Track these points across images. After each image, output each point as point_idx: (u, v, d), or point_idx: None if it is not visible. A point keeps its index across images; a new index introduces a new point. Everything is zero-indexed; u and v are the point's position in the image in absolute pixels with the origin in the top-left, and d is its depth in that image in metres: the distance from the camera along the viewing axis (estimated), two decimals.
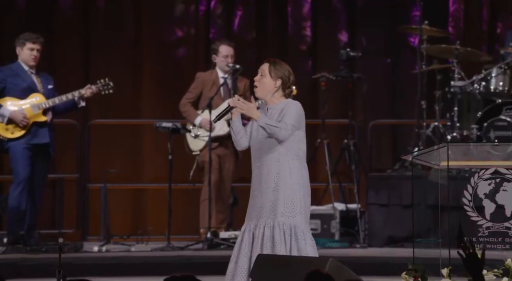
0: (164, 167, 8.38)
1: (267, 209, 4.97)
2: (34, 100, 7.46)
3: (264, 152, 5.01)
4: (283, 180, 4.95)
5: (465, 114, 8.04)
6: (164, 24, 9.44)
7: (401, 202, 7.92)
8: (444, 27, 9.04)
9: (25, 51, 7.44)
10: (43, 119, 7.46)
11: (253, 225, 5.02)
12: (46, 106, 7.46)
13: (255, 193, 5.02)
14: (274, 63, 5.11)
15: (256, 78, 5.07)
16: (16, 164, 7.37)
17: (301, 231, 4.93)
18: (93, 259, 7.32)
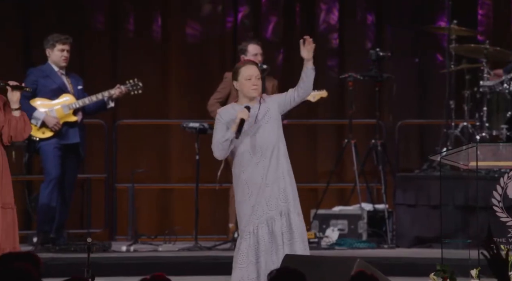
0: (191, 167, 8.40)
1: (281, 198, 5.16)
2: (65, 100, 7.52)
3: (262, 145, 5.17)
4: (287, 167, 5.23)
5: (495, 114, 7.97)
6: (192, 25, 9.46)
7: (429, 202, 7.88)
8: (473, 27, 8.98)
9: (55, 52, 7.49)
10: (73, 119, 7.52)
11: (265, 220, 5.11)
12: (76, 106, 7.51)
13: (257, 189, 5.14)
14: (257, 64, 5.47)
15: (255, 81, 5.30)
16: (47, 163, 7.43)
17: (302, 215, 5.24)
18: (121, 259, 7.36)
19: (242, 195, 5.20)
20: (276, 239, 5.11)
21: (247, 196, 5.17)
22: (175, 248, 7.86)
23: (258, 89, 5.27)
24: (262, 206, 5.15)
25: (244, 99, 5.29)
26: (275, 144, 5.21)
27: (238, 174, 5.24)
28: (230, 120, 5.24)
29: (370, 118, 8.73)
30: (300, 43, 5.33)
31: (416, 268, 6.74)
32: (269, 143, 5.20)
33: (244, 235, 5.17)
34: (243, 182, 5.20)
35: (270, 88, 8.18)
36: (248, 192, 5.17)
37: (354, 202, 8.42)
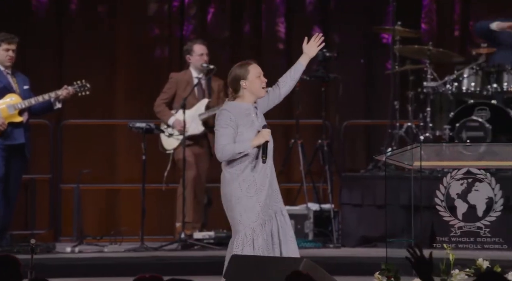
0: (138, 167, 8.35)
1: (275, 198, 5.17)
2: (10, 100, 7.41)
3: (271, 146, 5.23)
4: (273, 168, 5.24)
5: (438, 115, 8.09)
6: (138, 24, 9.40)
7: (375, 202, 7.95)
8: (417, 28, 9.09)
9: (0, 52, 7.38)
10: (18, 119, 7.41)
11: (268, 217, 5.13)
12: (22, 106, 7.41)
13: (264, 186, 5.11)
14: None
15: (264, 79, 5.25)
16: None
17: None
18: (66, 260, 7.28)
19: (247, 192, 5.11)
20: (273, 238, 5.12)
21: (253, 192, 5.10)
22: (121, 249, 7.80)
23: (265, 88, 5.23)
24: (266, 205, 5.14)
25: (251, 98, 5.21)
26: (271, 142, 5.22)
27: (245, 169, 5.12)
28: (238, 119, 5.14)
29: (317, 118, 8.78)
30: (305, 39, 5.28)
31: (361, 267, 6.79)
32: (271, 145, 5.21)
33: (257, 230, 5.08)
34: (251, 179, 5.10)
35: (216, 88, 8.18)
36: (256, 189, 5.10)
37: (300, 202, 8.45)
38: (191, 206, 7.90)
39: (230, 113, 5.14)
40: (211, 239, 7.84)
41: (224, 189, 5.13)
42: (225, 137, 5.11)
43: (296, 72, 5.28)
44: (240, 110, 5.17)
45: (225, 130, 5.12)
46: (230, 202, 5.10)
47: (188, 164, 7.85)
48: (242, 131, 5.12)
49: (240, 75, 5.24)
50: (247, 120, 5.15)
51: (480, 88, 7.98)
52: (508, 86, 7.95)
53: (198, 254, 7.54)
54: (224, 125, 5.13)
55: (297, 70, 5.28)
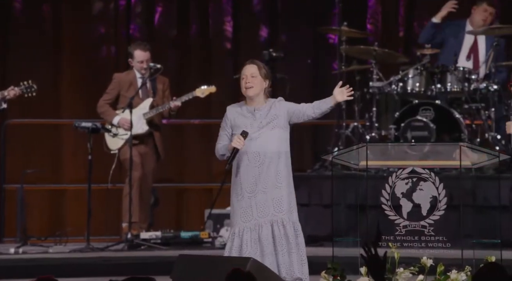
0: (83, 167, 8.27)
1: (274, 207, 5.11)
2: None
3: (264, 153, 5.14)
4: (287, 177, 5.19)
5: (383, 115, 8.17)
6: (83, 23, 9.31)
7: (321, 201, 8.00)
8: (362, 28, 9.17)
9: None
10: None
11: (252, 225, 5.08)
12: None
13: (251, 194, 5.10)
14: (262, 65, 5.32)
15: (249, 79, 5.18)
16: None
17: (298, 226, 5.21)
18: (9, 261, 7.18)
19: (235, 196, 5.15)
20: (263, 246, 5.08)
21: (239, 197, 5.12)
22: (66, 249, 7.72)
23: (253, 88, 5.16)
24: (251, 211, 5.10)
25: (247, 98, 5.19)
26: (276, 152, 5.16)
27: (235, 174, 5.17)
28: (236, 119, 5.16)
29: None
30: (339, 83, 5.26)
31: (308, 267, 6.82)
32: (269, 151, 5.15)
33: (230, 235, 5.13)
34: (238, 183, 5.14)
35: (161, 87, 8.15)
36: (241, 193, 5.11)
37: None
38: (137, 206, 7.86)
39: (227, 114, 5.24)
40: (158, 239, 7.81)
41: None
42: (219, 138, 5.22)
43: (319, 109, 5.30)
44: (241, 111, 5.21)
45: (221, 131, 5.25)
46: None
47: (134, 164, 7.80)
48: (236, 133, 5.18)
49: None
50: (245, 122, 5.18)
51: (425, 88, 8.08)
52: (452, 86, 8.07)
53: (145, 254, 7.51)
54: (221, 126, 5.26)
55: (321, 108, 5.29)
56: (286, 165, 5.21)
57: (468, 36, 8.27)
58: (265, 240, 5.08)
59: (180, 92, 8.23)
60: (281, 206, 5.12)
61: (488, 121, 7.98)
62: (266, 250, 5.08)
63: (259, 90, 5.20)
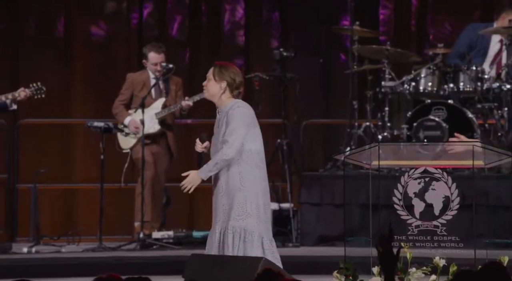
0: (96, 167, 8.29)
1: (224, 214, 5.06)
2: None
3: (212, 153, 5.13)
4: (232, 184, 5.02)
5: (396, 114, 8.16)
6: (95, 22, 9.34)
7: (333, 201, 8.00)
8: (375, 28, 9.16)
9: None
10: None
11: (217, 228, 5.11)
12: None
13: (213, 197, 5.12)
14: (219, 66, 5.19)
15: (204, 83, 5.17)
16: None
17: (250, 233, 5.00)
18: (22, 261, 7.21)
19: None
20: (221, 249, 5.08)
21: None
22: (78, 249, 7.74)
23: (205, 91, 5.14)
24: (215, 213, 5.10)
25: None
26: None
27: None
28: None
29: (276, 118, 8.80)
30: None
31: (320, 267, 6.82)
32: (214, 153, 5.10)
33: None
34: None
35: (174, 87, 8.17)
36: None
37: None
38: (149, 205, 7.88)
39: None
40: (170, 238, 7.82)
41: None
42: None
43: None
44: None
45: None
46: None
47: (146, 163, 7.82)
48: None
49: None
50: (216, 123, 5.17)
51: (437, 88, 8.07)
52: (464, 86, 8.05)
53: (157, 253, 7.52)
54: None
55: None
56: (239, 171, 5.04)
57: (494, 44, 8.24)
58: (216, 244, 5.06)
59: (191, 91, 8.25)
60: (229, 214, 5.02)
61: (501, 120, 7.95)
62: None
63: (212, 92, 5.14)
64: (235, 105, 5.11)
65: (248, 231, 5.00)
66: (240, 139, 5.04)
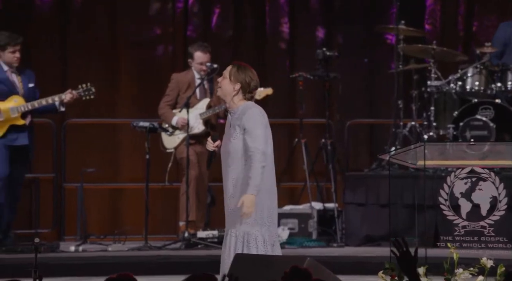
0: (141, 166, 8.35)
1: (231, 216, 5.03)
2: (14, 102, 7.41)
3: (227, 157, 5.02)
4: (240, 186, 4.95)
5: (442, 114, 8.08)
6: (141, 23, 9.41)
7: (378, 201, 7.95)
8: (420, 27, 9.08)
9: (7, 54, 7.41)
10: (21, 122, 7.43)
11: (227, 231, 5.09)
12: (24, 109, 7.41)
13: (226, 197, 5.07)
14: (237, 67, 5.11)
15: (219, 79, 5.12)
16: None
17: (253, 238, 4.96)
18: (70, 259, 7.29)
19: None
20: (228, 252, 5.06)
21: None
22: (124, 248, 7.80)
23: (219, 90, 5.08)
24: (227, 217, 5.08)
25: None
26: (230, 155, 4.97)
27: None
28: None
29: (321, 118, 8.78)
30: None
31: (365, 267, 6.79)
32: (227, 152, 5.01)
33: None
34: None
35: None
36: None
37: (304, 201, 8.45)
38: (194, 205, 7.91)
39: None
40: (214, 238, 7.84)
41: None
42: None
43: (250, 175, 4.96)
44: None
45: None
46: None
47: (190, 163, 7.85)
48: None
49: None
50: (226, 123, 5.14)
51: (484, 87, 7.97)
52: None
53: (201, 253, 7.55)
54: None
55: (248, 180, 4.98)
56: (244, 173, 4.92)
57: None
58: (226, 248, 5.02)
59: None
60: (236, 218, 4.94)
61: None
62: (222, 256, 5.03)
63: (225, 92, 5.05)
64: (247, 108, 5.02)
65: (252, 236, 4.95)
66: (262, 142, 4.96)
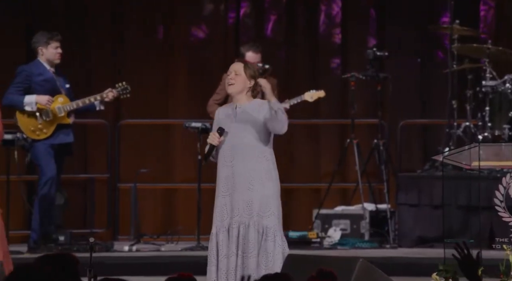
0: (193, 167, 8.40)
1: (245, 209, 5.02)
2: (59, 101, 7.51)
3: (241, 150, 5.04)
4: (263, 177, 5.02)
5: (497, 114, 7.97)
6: (194, 24, 9.46)
7: (431, 202, 7.88)
8: (475, 27, 8.97)
9: (50, 50, 7.45)
10: (67, 121, 7.51)
11: (227, 225, 5.06)
12: (70, 108, 7.50)
13: (225, 193, 5.08)
14: (250, 65, 5.23)
15: (231, 76, 5.13)
16: (41, 164, 7.41)
17: (272, 232, 5.00)
18: (124, 259, 7.37)
19: (217, 193, 5.16)
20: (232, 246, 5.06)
21: (219, 195, 5.11)
22: (177, 248, 7.86)
23: (234, 86, 5.10)
24: (226, 211, 5.08)
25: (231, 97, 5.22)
26: (248, 147, 5.03)
27: (218, 169, 5.17)
28: (220, 116, 5.18)
29: (373, 118, 8.73)
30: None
31: (418, 268, 6.73)
32: (240, 145, 5.05)
33: (210, 236, 5.14)
34: (219, 179, 5.13)
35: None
36: (220, 192, 5.10)
37: (356, 202, 8.41)
38: None
39: (217, 113, 5.21)
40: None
41: None
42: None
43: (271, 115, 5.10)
44: (226, 110, 5.19)
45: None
46: None
47: None
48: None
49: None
50: (226, 120, 5.15)
51: None
52: None
53: None
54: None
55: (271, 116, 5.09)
56: (265, 168, 5.01)
57: None
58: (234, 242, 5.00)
59: (287, 92, 8.26)
60: (251, 210, 4.97)
61: None
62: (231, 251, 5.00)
63: (240, 89, 5.10)
64: (260, 102, 5.16)
65: (271, 229, 5.00)
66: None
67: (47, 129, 7.42)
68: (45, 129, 7.43)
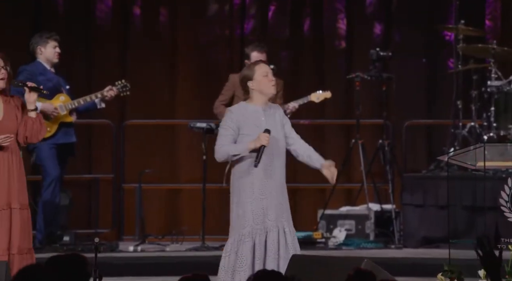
0: (198, 167, 8.40)
1: (278, 211, 5.08)
2: (60, 100, 7.52)
3: (276, 150, 5.09)
4: (284, 181, 5.15)
5: (502, 114, 7.96)
6: (199, 24, 9.47)
7: (437, 202, 7.87)
8: (480, 26, 8.96)
9: (49, 49, 7.44)
10: (69, 120, 7.51)
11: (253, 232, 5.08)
12: (71, 107, 7.50)
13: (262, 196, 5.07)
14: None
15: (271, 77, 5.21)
16: (45, 164, 7.42)
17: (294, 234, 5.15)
18: (128, 259, 7.37)
19: (245, 197, 5.09)
20: (267, 249, 5.07)
21: (251, 198, 5.09)
22: (182, 248, 7.86)
23: (275, 85, 5.21)
24: (263, 214, 5.09)
25: (261, 98, 5.16)
26: (277, 153, 5.11)
27: (245, 172, 5.09)
28: (241, 121, 5.12)
29: (378, 118, 8.72)
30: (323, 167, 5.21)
31: (423, 268, 6.73)
32: (277, 151, 5.12)
33: (244, 238, 5.11)
34: (249, 183, 5.08)
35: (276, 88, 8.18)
36: (252, 195, 5.08)
37: (361, 202, 8.40)
38: None
39: (232, 114, 5.14)
40: None
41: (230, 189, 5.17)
42: (223, 138, 5.11)
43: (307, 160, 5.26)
44: (246, 112, 5.14)
45: (224, 131, 5.13)
46: (231, 204, 5.12)
47: None
48: (248, 133, 5.08)
49: (247, 76, 5.22)
50: (253, 122, 5.11)
51: None
52: None
53: None
54: (224, 126, 5.14)
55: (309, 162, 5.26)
56: (283, 168, 5.15)
57: None
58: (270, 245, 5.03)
59: (292, 93, 8.25)
60: (286, 213, 5.10)
61: None
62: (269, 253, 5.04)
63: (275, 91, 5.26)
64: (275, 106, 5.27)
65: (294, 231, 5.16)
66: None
67: (50, 127, 7.43)
68: (48, 127, 7.44)
